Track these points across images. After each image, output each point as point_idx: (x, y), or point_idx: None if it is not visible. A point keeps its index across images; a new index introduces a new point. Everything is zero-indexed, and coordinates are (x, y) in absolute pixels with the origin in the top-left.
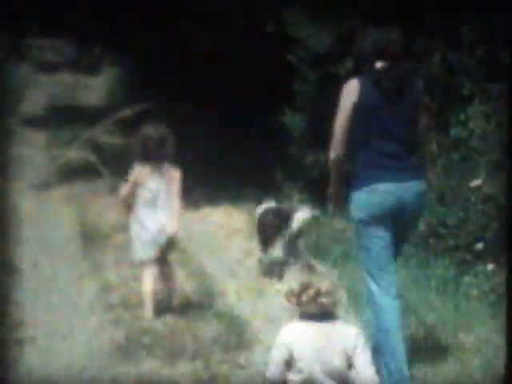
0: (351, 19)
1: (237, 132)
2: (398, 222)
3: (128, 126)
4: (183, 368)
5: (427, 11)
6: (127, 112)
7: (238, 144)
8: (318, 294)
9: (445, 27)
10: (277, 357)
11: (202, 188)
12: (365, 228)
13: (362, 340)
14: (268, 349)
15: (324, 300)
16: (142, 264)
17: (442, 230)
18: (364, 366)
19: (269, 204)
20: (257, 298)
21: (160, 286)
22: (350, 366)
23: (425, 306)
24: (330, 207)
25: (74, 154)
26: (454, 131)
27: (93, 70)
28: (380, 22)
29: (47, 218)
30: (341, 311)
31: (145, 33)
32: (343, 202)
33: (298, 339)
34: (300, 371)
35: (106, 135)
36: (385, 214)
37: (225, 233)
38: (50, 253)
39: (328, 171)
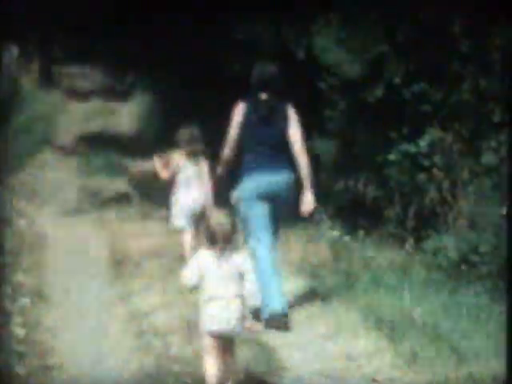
0: (380, 46)
1: None
2: (272, 201)
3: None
4: None
5: (458, 37)
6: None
7: None
8: (216, 236)
9: (476, 53)
10: (190, 273)
11: None
12: (245, 205)
13: (250, 262)
14: (297, 377)
15: (223, 239)
16: (178, 230)
17: (474, 257)
18: (250, 281)
19: None
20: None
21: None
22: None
23: (457, 334)
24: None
25: (107, 183)
26: (486, 158)
27: (125, 96)
28: (410, 48)
29: (77, 244)
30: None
31: (177, 58)
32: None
33: (204, 262)
34: (205, 288)
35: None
36: (260, 194)
37: None
38: (80, 279)
39: (358, 196)
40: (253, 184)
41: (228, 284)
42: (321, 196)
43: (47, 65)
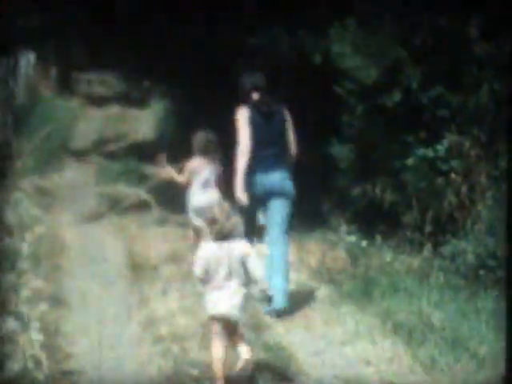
0: (397, 50)
1: None
2: (275, 196)
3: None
4: None
5: (474, 41)
6: None
7: None
8: (218, 224)
9: (492, 57)
10: (199, 265)
11: None
12: (258, 200)
13: (252, 250)
14: (315, 382)
15: (224, 227)
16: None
17: (492, 262)
18: (254, 267)
19: None
20: (304, 330)
21: None
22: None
23: (475, 339)
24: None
25: (125, 189)
26: (503, 162)
27: (142, 102)
28: (426, 53)
29: (95, 250)
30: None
31: (194, 64)
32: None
33: (209, 253)
34: (210, 275)
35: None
36: (264, 191)
37: None
38: (98, 285)
39: (375, 201)
40: (257, 181)
41: (230, 272)
42: (338, 201)
43: (65, 71)
